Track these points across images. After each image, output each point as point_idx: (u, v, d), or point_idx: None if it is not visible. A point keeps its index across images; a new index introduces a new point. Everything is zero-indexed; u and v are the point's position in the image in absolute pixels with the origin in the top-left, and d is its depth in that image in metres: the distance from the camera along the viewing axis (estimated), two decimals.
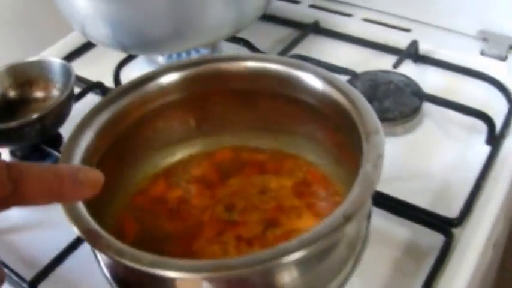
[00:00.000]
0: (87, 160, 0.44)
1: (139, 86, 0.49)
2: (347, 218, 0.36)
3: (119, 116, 0.48)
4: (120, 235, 0.44)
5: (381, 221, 0.52)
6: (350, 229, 0.41)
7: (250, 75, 0.50)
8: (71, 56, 0.79)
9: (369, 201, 0.44)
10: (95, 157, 0.45)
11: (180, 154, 0.54)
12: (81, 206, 0.39)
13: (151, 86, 0.50)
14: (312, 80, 0.48)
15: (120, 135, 0.48)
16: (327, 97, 0.47)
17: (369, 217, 0.45)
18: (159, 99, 0.50)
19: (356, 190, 0.38)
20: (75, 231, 0.38)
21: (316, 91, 0.48)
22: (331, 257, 0.40)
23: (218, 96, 0.52)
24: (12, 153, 0.63)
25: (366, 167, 0.39)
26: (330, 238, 0.36)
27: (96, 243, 0.37)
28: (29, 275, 0.50)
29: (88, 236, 0.37)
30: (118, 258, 0.36)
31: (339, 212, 0.37)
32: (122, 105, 0.48)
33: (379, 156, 0.39)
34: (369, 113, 0.43)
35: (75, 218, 0.38)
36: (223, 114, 0.53)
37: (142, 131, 0.51)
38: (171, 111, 0.52)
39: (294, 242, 0.35)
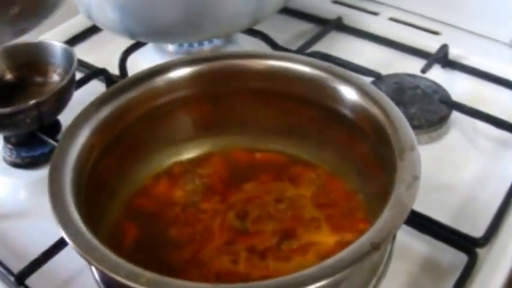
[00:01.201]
0: (83, 158, 0.42)
1: (147, 80, 0.48)
2: (375, 247, 0.34)
3: (122, 110, 0.46)
4: (118, 241, 0.45)
5: (399, 234, 0.49)
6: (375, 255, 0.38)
7: (272, 75, 0.48)
8: (74, 40, 0.77)
9: None
10: (93, 155, 0.43)
11: (186, 154, 0.52)
12: (73, 209, 0.37)
13: (160, 80, 0.48)
14: (342, 86, 0.46)
15: (123, 132, 0.46)
16: (358, 105, 0.44)
17: (393, 238, 0.43)
18: (167, 94, 0.49)
19: (386, 215, 0.35)
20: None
21: (346, 98, 0.46)
22: (351, 282, 0.38)
23: (233, 94, 0.50)
24: (6, 139, 0.60)
25: (399, 189, 0.36)
26: (354, 267, 0.33)
27: (88, 254, 0.34)
28: (17, 267, 0.48)
29: (78, 244, 0.35)
30: (112, 275, 0.33)
31: (366, 239, 0.34)
32: (126, 98, 0.46)
33: (415, 178, 0.37)
34: (404, 125, 0.41)
35: (65, 222, 0.36)
36: (238, 114, 0.51)
37: (147, 127, 0.49)
38: (179, 107, 0.50)
39: (315, 269, 0.33)
